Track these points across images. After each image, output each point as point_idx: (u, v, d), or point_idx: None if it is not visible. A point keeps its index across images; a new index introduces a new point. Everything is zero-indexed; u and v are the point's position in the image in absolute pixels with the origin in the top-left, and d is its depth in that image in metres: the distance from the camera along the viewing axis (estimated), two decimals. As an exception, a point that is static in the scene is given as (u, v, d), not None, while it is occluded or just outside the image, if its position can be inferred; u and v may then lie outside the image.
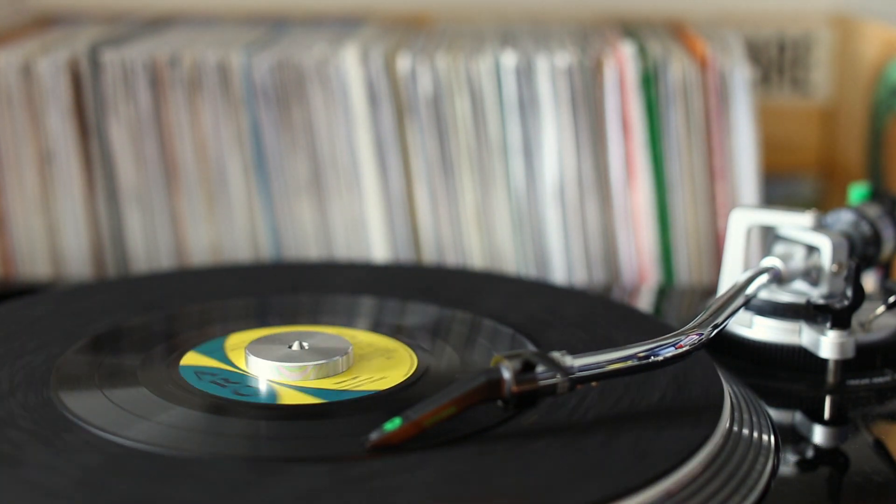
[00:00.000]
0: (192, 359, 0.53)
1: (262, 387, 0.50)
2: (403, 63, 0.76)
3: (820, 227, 0.58)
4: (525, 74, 0.76)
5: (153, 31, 0.87)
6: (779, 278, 0.57)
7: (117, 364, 0.52)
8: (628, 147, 0.77)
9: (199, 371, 0.51)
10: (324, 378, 0.51)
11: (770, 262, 0.58)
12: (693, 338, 0.49)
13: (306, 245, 0.79)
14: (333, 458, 0.43)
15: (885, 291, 0.60)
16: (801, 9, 0.94)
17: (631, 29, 0.88)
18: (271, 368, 0.51)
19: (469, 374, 0.45)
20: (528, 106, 0.76)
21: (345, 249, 0.79)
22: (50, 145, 0.78)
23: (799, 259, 0.58)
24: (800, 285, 0.58)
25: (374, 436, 0.43)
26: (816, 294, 0.57)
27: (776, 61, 0.95)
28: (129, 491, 0.41)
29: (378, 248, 0.78)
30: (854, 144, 0.90)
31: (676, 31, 0.88)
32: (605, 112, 0.76)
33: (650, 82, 0.76)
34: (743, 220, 0.59)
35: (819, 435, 0.52)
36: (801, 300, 0.57)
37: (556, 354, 0.46)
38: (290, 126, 0.78)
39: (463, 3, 0.96)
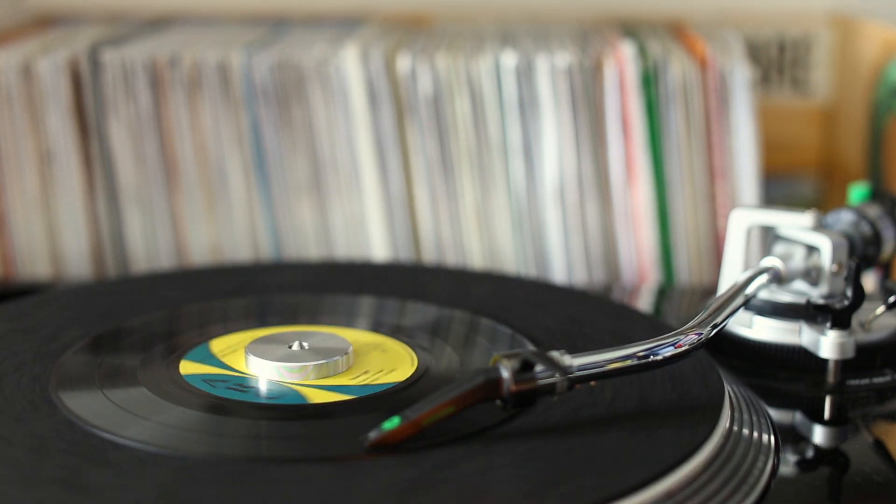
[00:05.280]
0: (189, 368, 0.52)
1: (283, 388, 0.50)
2: (403, 63, 0.76)
3: (820, 227, 0.58)
4: (525, 74, 0.76)
5: (153, 31, 0.87)
6: (779, 278, 0.57)
7: (117, 364, 0.52)
8: (628, 147, 0.77)
9: (209, 379, 0.51)
10: (324, 378, 0.51)
11: (770, 262, 0.58)
12: (692, 337, 0.49)
13: (306, 245, 0.79)
14: (333, 458, 0.43)
15: (885, 291, 0.60)
16: (801, 9, 0.94)
17: (631, 29, 0.88)
18: (271, 368, 0.51)
19: (468, 374, 0.45)
20: (528, 106, 0.76)
21: (345, 249, 0.79)
22: (50, 145, 0.78)
23: (799, 259, 0.58)
24: (800, 285, 0.58)
25: (372, 435, 0.43)
26: (816, 294, 0.57)
27: (776, 61, 0.95)
28: (128, 491, 0.41)
29: (378, 247, 0.78)
30: (854, 144, 0.90)
31: (676, 31, 0.88)
32: (605, 112, 0.76)
33: (650, 82, 0.76)
34: (743, 220, 0.59)
35: (819, 435, 0.52)
36: (801, 300, 0.57)
37: (554, 354, 0.46)
38: (290, 126, 0.78)
39: (463, 3, 0.96)
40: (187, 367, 0.52)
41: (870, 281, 0.63)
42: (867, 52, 0.87)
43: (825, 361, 0.56)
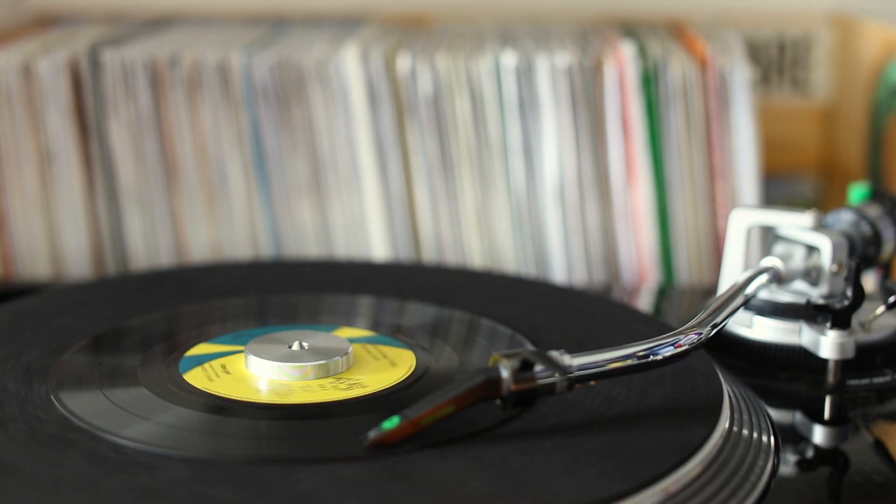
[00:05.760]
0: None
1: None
2: (403, 63, 0.76)
3: (820, 227, 0.58)
4: (525, 74, 0.76)
5: (153, 31, 0.87)
6: (779, 278, 0.57)
7: (117, 364, 0.52)
8: (628, 147, 0.77)
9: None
10: (323, 378, 0.51)
11: (770, 262, 0.58)
12: (692, 337, 0.49)
13: (306, 245, 0.79)
14: (333, 458, 0.43)
15: (885, 291, 0.60)
16: (801, 9, 0.94)
17: (631, 29, 0.88)
18: (271, 368, 0.51)
19: (467, 373, 0.45)
20: (528, 106, 0.76)
21: (345, 249, 0.79)
22: (50, 145, 0.78)
23: (799, 259, 0.58)
24: (800, 285, 0.58)
25: (372, 435, 0.43)
26: (816, 294, 0.57)
27: (776, 61, 0.95)
28: (128, 491, 0.41)
29: (378, 247, 0.78)
30: (854, 144, 0.90)
31: (676, 31, 0.88)
32: (605, 112, 0.76)
33: (650, 82, 0.76)
34: (743, 220, 0.59)
35: (819, 435, 0.52)
36: (801, 300, 0.57)
37: (554, 353, 0.46)
38: (290, 126, 0.78)
39: (463, 3, 0.96)
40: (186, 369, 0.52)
41: (870, 281, 0.63)
42: (867, 52, 0.87)
43: (825, 361, 0.56)
